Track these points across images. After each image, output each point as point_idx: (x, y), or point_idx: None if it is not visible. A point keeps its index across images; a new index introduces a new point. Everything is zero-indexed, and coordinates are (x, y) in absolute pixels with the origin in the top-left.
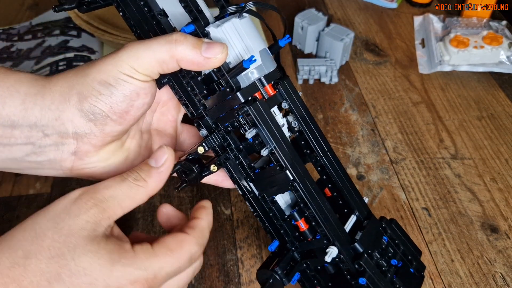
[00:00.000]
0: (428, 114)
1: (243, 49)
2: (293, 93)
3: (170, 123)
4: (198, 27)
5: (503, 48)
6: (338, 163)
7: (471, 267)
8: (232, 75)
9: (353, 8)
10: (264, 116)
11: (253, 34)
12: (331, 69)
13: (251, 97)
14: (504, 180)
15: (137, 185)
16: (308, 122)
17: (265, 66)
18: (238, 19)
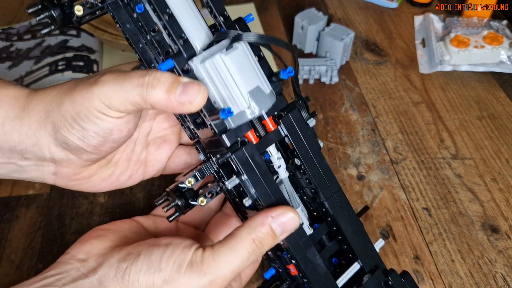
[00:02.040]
0: (429, 114)
1: (228, 91)
2: (299, 128)
3: (172, 128)
4: (178, 63)
5: (503, 48)
6: (346, 205)
7: (472, 267)
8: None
9: (353, 8)
10: (250, 165)
11: (245, 69)
12: (331, 69)
13: (239, 139)
14: (504, 180)
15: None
16: (313, 161)
17: (258, 105)
18: (225, 54)
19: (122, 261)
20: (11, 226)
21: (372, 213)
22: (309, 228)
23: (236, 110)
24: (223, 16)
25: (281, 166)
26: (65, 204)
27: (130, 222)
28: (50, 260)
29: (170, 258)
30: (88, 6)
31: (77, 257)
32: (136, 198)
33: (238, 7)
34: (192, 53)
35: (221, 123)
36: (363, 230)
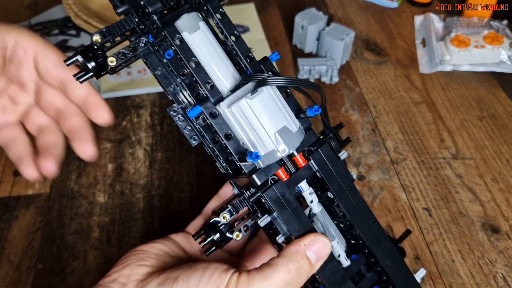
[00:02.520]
0: (429, 114)
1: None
2: (330, 162)
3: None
4: (205, 109)
5: (504, 48)
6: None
7: (472, 267)
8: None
9: (353, 8)
10: (281, 203)
11: (271, 111)
12: (332, 69)
13: (270, 177)
14: (505, 180)
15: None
16: (347, 194)
17: (286, 145)
18: (250, 98)
19: (161, 285)
20: (10, 226)
21: None
22: (346, 260)
23: (264, 151)
24: (248, 57)
25: (313, 201)
26: (64, 204)
27: (167, 242)
28: (50, 260)
29: (208, 283)
30: (120, 56)
31: (118, 280)
32: (136, 198)
33: (238, 7)
34: (219, 98)
35: (251, 164)
36: (402, 261)
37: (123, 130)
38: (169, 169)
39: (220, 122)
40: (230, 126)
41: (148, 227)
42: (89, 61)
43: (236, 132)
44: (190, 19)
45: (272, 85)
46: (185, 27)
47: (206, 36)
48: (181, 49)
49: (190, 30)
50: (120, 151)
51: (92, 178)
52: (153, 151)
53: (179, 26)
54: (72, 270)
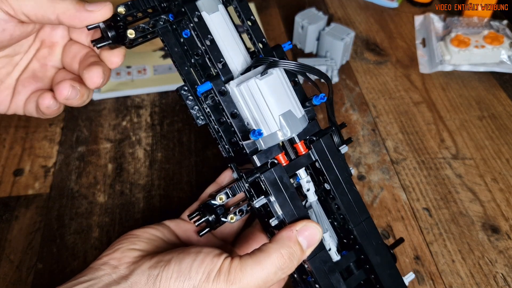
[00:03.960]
0: (429, 114)
1: (260, 114)
2: (329, 153)
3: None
4: (215, 85)
5: (504, 48)
6: (375, 234)
7: (472, 267)
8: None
9: (353, 8)
10: (278, 185)
11: (277, 94)
12: (332, 69)
13: (270, 160)
14: (505, 180)
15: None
16: (343, 187)
17: (290, 128)
18: (259, 79)
19: (153, 268)
20: (10, 226)
21: (372, 213)
22: (336, 255)
23: (267, 132)
24: (261, 43)
25: (310, 190)
26: (64, 204)
27: (160, 228)
28: (50, 260)
29: (200, 267)
30: (140, 30)
31: (109, 263)
32: (136, 198)
33: None
34: (230, 77)
35: (253, 144)
36: (391, 262)
37: (123, 130)
38: (169, 169)
39: (228, 100)
40: (237, 105)
41: None
42: (110, 29)
43: (242, 111)
44: (210, 1)
45: (281, 67)
46: (205, 7)
47: (223, 18)
48: (199, 26)
49: (210, 10)
50: (120, 151)
51: (92, 178)
52: (153, 151)
53: (199, 5)
54: (72, 270)
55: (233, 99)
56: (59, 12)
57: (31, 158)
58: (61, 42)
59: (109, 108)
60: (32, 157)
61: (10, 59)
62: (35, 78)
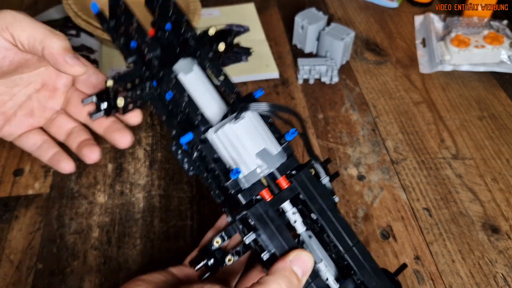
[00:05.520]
0: (429, 114)
1: (238, 154)
2: (311, 183)
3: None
4: (196, 135)
5: (504, 48)
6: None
7: (472, 267)
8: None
9: (353, 8)
10: (265, 221)
11: (252, 135)
12: (332, 69)
13: (254, 197)
14: (505, 180)
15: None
16: (328, 215)
17: (267, 164)
18: (233, 123)
19: None
20: (10, 226)
21: (372, 213)
22: (335, 283)
23: (247, 170)
24: (234, 93)
25: (297, 221)
26: (64, 204)
27: (165, 274)
28: (50, 260)
29: None
30: (129, 98)
31: None
32: (136, 198)
33: (238, 7)
34: (209, 126)
35: (236, 184)
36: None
37: None
38: (169, 169)
39: (209, 147)
40: (217, 150)
41: (148, 227)
42: (102, 101)
43: (222, 154)
44: (185, 63)
45: (252, 110)
46: (181, 69)
47: (198, 76)
48: (175, 87)
49: (185, 71)
50: (120, 151)
51: (92, 178)
52: (153, 151)
53: (176, 69)
54: (72, 270)
55: (213, 145)
56: (45, 45)
57: (31, 158)
58: (63, 89)
59: None
60: (32, 157)
61: (9, 89)
62: (32, 115)
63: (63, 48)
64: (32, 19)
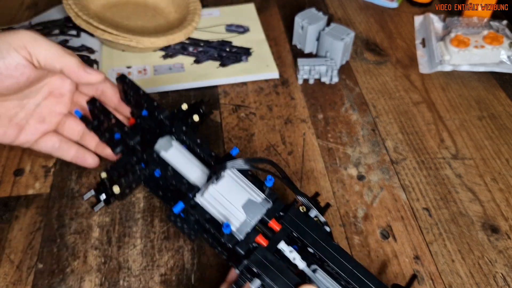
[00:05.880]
0: (429, 114)
1: (226, 210)
2: (300, 221)
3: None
4: (186, 203)
5: (503, 48)
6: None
7: (472, 267)
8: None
9: (353, 8)
10: (265, 265)
11: (234, 190)
12: (332, 69)
13: (251, 245)
14: (505, 180)
15: None
16: (322, 245)
17: (254, 213)
18: (215, 184)
19: None
20: (10, 226)
21: (372, 213)
22: None
23: (237, 223)
24: (211, 156)
25: (296, 258)
26: (64, 204)
27: None
28: (50, 260)
29: None
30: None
31: None
32: (136, 198)
33: (238, 7)
34: (195, 191)
35: (232, 237)
36: None
37: None
38: None
39: (200, 210)
40: (208, 210)
41: (148, 227)
42: (100, 193)
43: (213, 213)
44: (164, 142)
45: (229, 168)
46: (162, 147)
47: (178, 150)
48: (159, 163)
49: (166, 149)
50: None
51: (93, 178)
52: None
53: (157, 148)
54: (72, 270)
55: (203, 207)
56: (63, 64)
57: (31, 158)
58: (69, 94)
59: None
60: (32, 157)
61: (19, 102)
62: (43, 121)
63: (79, 62)
64: (47, 39)
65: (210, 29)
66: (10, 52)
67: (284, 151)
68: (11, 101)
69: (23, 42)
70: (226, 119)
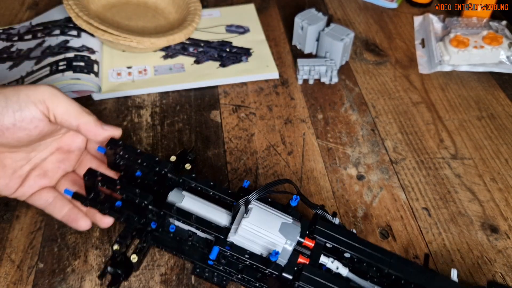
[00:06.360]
0: (428, 114)
1: (265, 239)
2: (330, 231)
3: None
4: (221, 245)
5: (503, 48)
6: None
7: (471, 267)
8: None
9: (353, 8)
10: (316, 280)
11: (266, 218)
12: (331, 69)
13: (296, 267)
14: (504, 180)
15: None
16: (357, 246)
17: (292, 236)
18: (247, 218)
19: None
20: (11, 226)
21: (372, 213)
22: None
23: (279, 249)
24: (227, 193)
25: (339, 267)
26: None
27: None
28: (51, 259)
29: None
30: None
31: None
32: None
33: (239, 7)
34: (226, 232)
35: (276, 266)
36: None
37: (124, 130)
38: None
39: (237, 248)
40: (245, 246)
41: None
42: (118, 268)
43: (253, 248)
44: (175, 194)
45: (253, 199)
46: (175, 199)
47: (192, 198)
48: (180, 214)
49: (179, 200)
50: None
51: None
52: (154, 151)
53: (171, 201)
54: (73, 269)
55: (240, 245)
56: (80, 122)
57: None
58: (77, 152)
59: (109, 108)
60: None
61: (27, 154)
62: (45, 176)
63: (96, 120)
64: (66, 96)
65: (210, 29)
66: (28, 105)
67: (284, 151)
68: (19, 153)
69: (43, 97)
70: (226, 119)
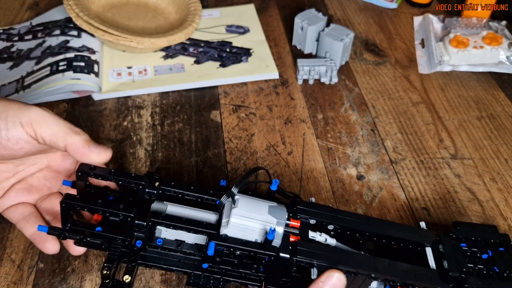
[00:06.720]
0: (428, 114)
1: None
2: (310, 208)
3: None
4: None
5: (502, 48)
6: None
7: None
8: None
9: (353, 8)
10: (313, 252)
11: (254, 204)
12: (331, 69)
13: (290, 246)
14: (503, 180)
15: None
16: (334, 216)
17: (281, 217)
18: (236, 208)
19: None
20: (11, 225)
21: (371, 213)
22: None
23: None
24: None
25: (327, 239)
26: None
27: None
28: (51, 259)
29: None
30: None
31: None
32: None
33: (238, 7)
34: (217, 227)
35: (273, 247)
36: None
37: (124, 130)
38: (170, 169)
39: (232, 239)
40: (239, 236)
41: None
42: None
43: (247, 236)
44: (157, 205)
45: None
46: (159, 208)
47: (175, 206)
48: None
49: (163, 210)
50: (121, 151)
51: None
52: (154, 151)
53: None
54: (73, 269)
55: (234, 235)
56: (68, 143)
57: None
58: (65, 173)
59: (110, 109)
60: None
61: (14, 167)
62: (29, 191)
63: (85, 141)
64: (55, 117)
65: (210, 29)
66: (15, 126)
67: (284, 151)
68: (6, 164)
69: (30, 119)
70: (226, 119)
